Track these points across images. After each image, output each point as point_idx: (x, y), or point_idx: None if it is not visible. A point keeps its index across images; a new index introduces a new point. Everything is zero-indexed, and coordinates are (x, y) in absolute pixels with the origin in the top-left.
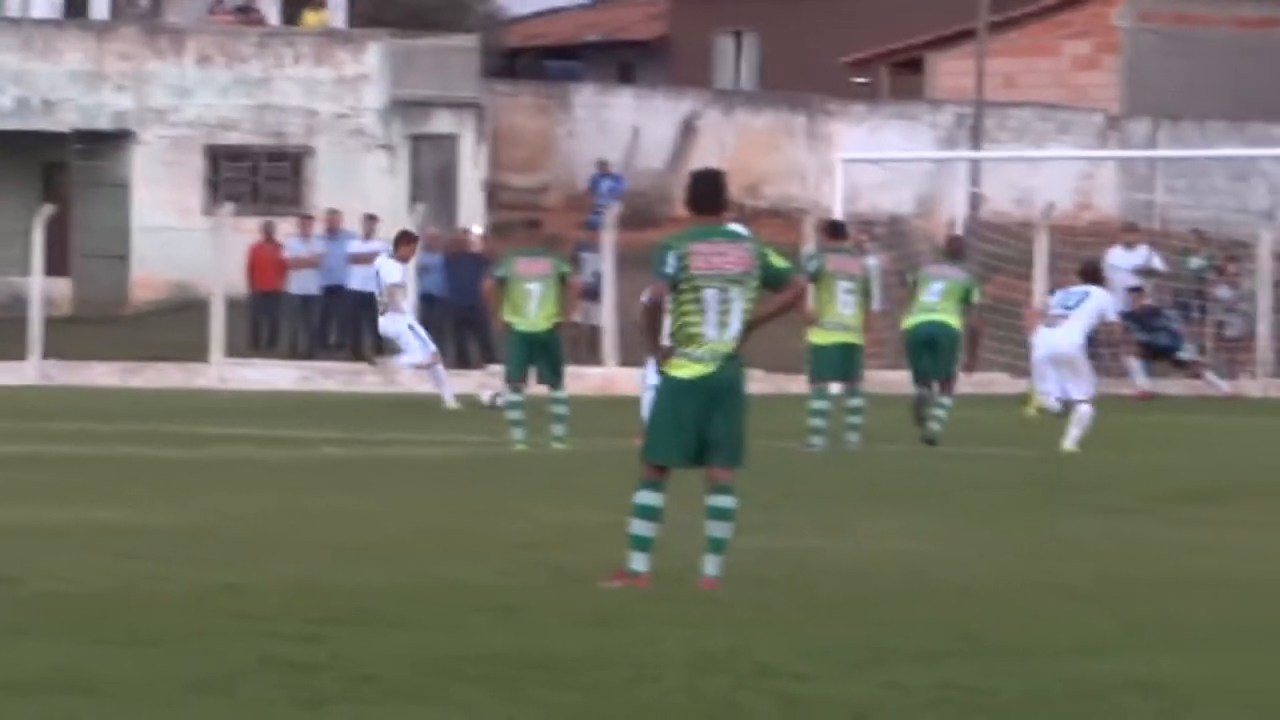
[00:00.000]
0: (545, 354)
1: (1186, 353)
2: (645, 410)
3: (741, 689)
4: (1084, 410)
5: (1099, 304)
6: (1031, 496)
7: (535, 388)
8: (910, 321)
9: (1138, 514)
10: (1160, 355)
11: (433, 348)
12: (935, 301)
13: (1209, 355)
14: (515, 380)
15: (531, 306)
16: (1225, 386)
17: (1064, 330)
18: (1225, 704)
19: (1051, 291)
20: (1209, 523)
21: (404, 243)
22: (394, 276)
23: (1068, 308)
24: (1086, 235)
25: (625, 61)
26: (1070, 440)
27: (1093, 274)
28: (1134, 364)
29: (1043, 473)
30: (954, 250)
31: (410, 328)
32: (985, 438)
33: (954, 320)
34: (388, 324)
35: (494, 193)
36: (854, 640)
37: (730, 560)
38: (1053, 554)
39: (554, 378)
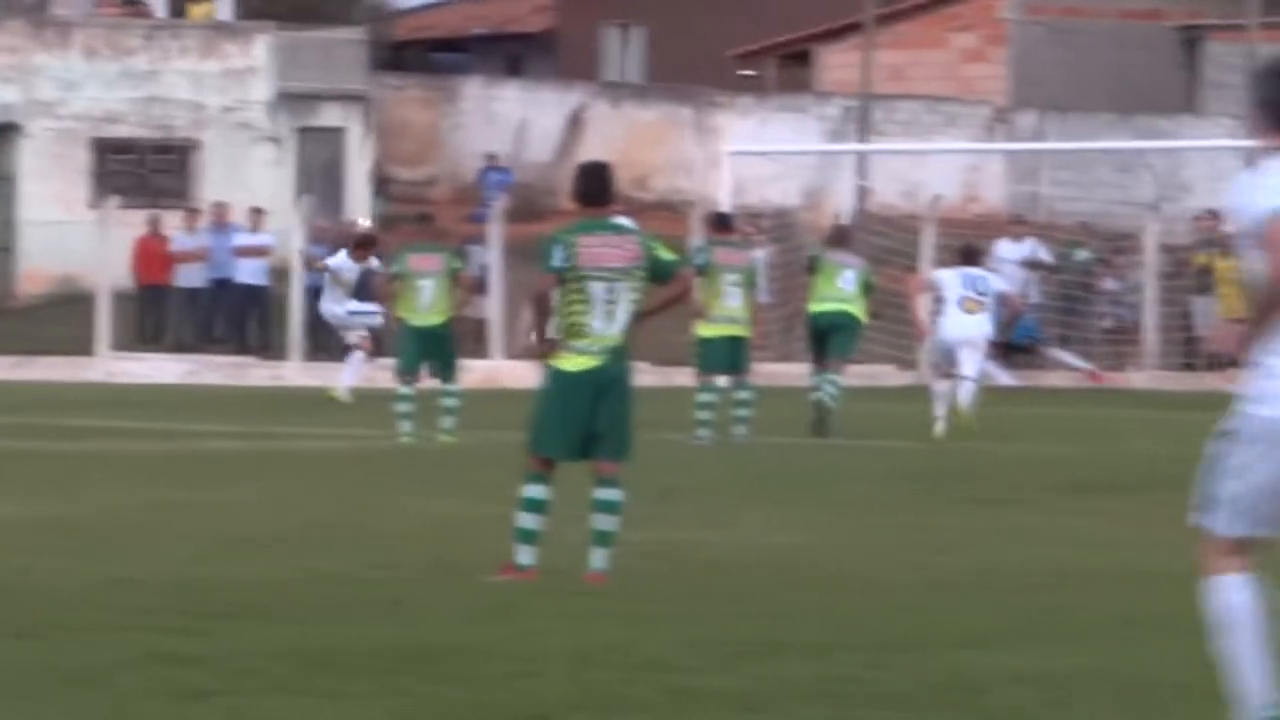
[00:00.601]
0: (439, 348)
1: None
2: None
3: (628, 682)
4: (970, 385)
5: (997, 286)
6: (915, 489)
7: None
8: (818, 307)
9: (1020, 506)
10: (1019, 350)
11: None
12: (849, 291)
13: (1093, 347)
14: (407, 374)
15: (424, 301)
16: (1077, 363)
17: (980, 319)
18: (1108, 694)
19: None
20: (1090, 514)
21: (362, 245)
22: (349, 275)
23: (980, 294)
24: (973, 227)
25: (512, 54)
26: (966, 404)
27: (973, 255)
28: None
29: (926, 466)
30: (842, 240)
31: (351, 313)
32: (873, 430)
33: (860, 310)
34: (330, 308)
35: (383, 185)
36: (741, 633)
37: (617, 553)
38: (936, 546)
39: (447, 371)
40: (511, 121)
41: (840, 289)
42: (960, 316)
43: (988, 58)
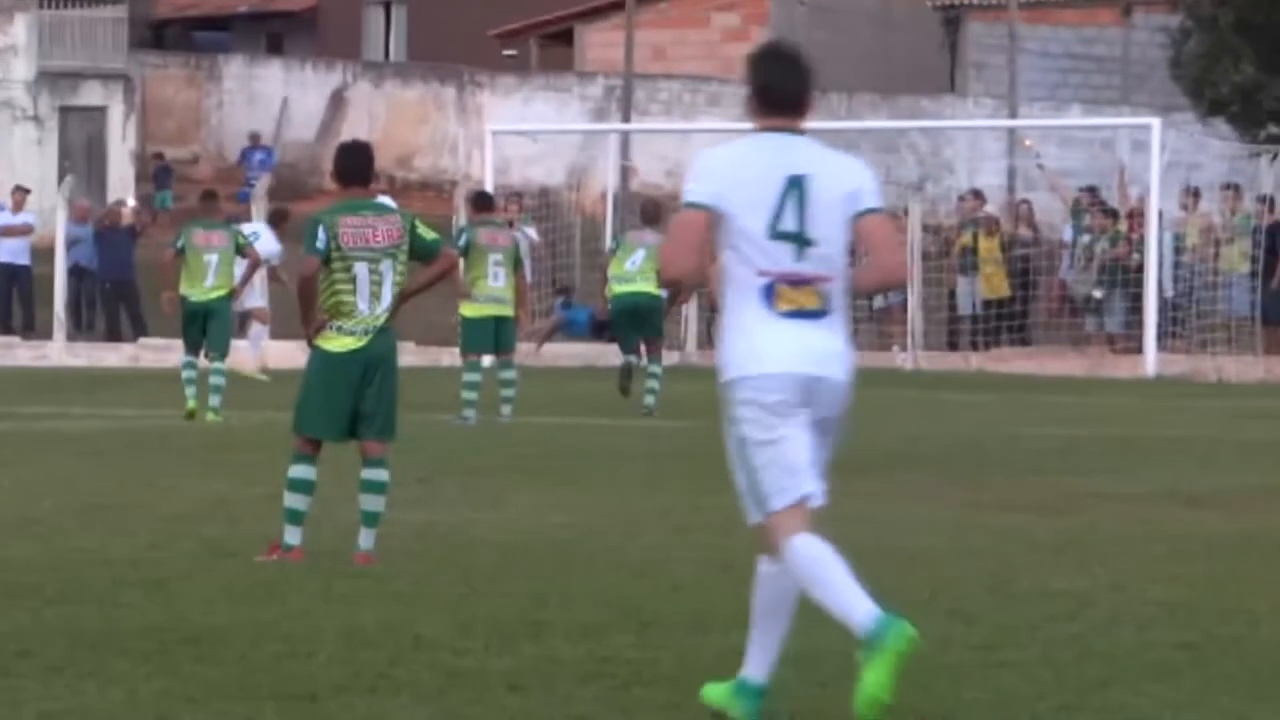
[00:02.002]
0: (215, 322)
1: None
2: None
3: (398, 663)
4: None
5: None
6: (688, 469)
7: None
8: (615, 290)
9: None
10: None
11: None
12: (634, 270)
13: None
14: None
15: (209, 277)
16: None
17: None
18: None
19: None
20: (859, 494)
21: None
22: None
23: None
24: None
25: (274, 33)
26: None
27: (654, 214)
28: None
29: (704, 446)
30: (650, 215)
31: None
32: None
33: (654, 287)
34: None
35: (163, 175)
36: (510, 613)
37: (385, 534)
38: (709, 527)
39: (220, 347)
40: (274, 100)
41: (627, 270)
42: None
43: (750, 37)
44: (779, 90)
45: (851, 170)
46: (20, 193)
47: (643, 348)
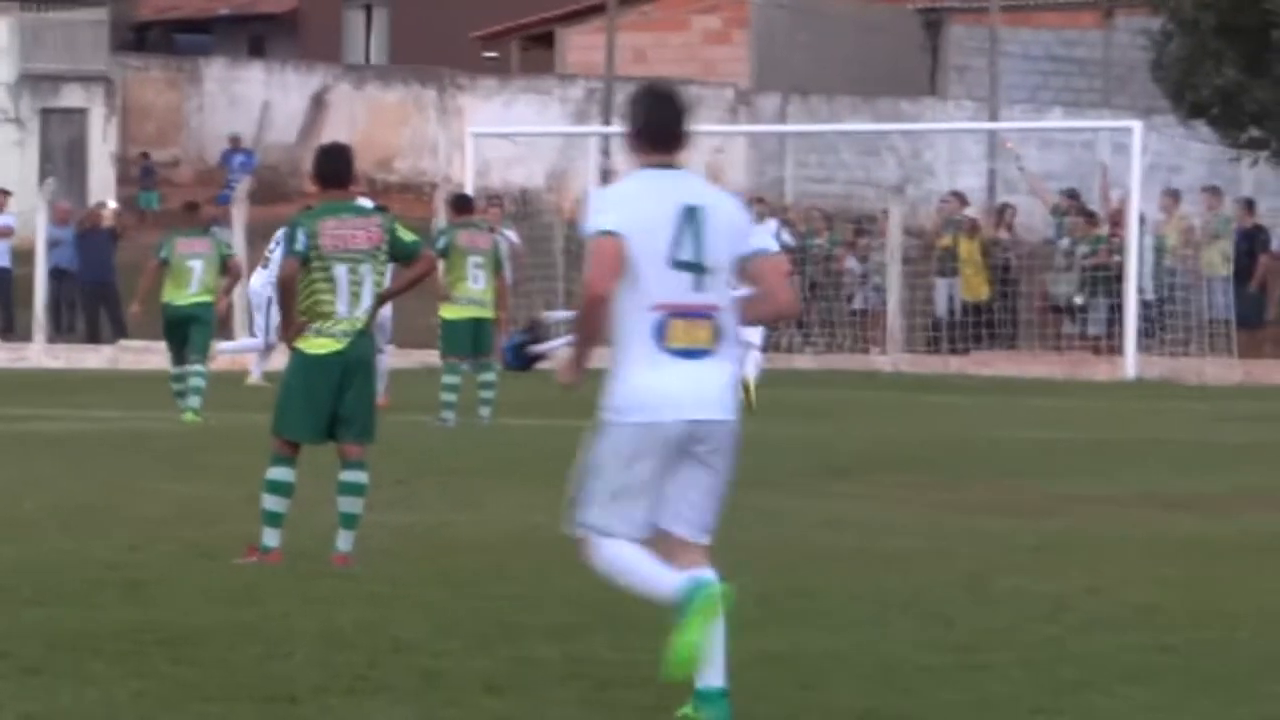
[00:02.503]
0: (197, 327)
1: None
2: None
3: (376, 664)
4: (756, 354)
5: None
6: None
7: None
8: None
9: (769, 487)
10: None
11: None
12: None
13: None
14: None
15: (193, 282)
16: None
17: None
18: (854, 674)
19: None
20: (839, 496)
21: None
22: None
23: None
24: None
25: (256, 35)
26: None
27: None
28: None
29: None
30: None
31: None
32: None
33: None
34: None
35: (147, 177)
36: (488, 615)
37: (363, 536)
38: None
39: (201, 349)
40: (255, 103)
41: None
42: None
43: (731, 40)
44: (660, 128)
45: (735, 206)
46: (1, 195)
47: None
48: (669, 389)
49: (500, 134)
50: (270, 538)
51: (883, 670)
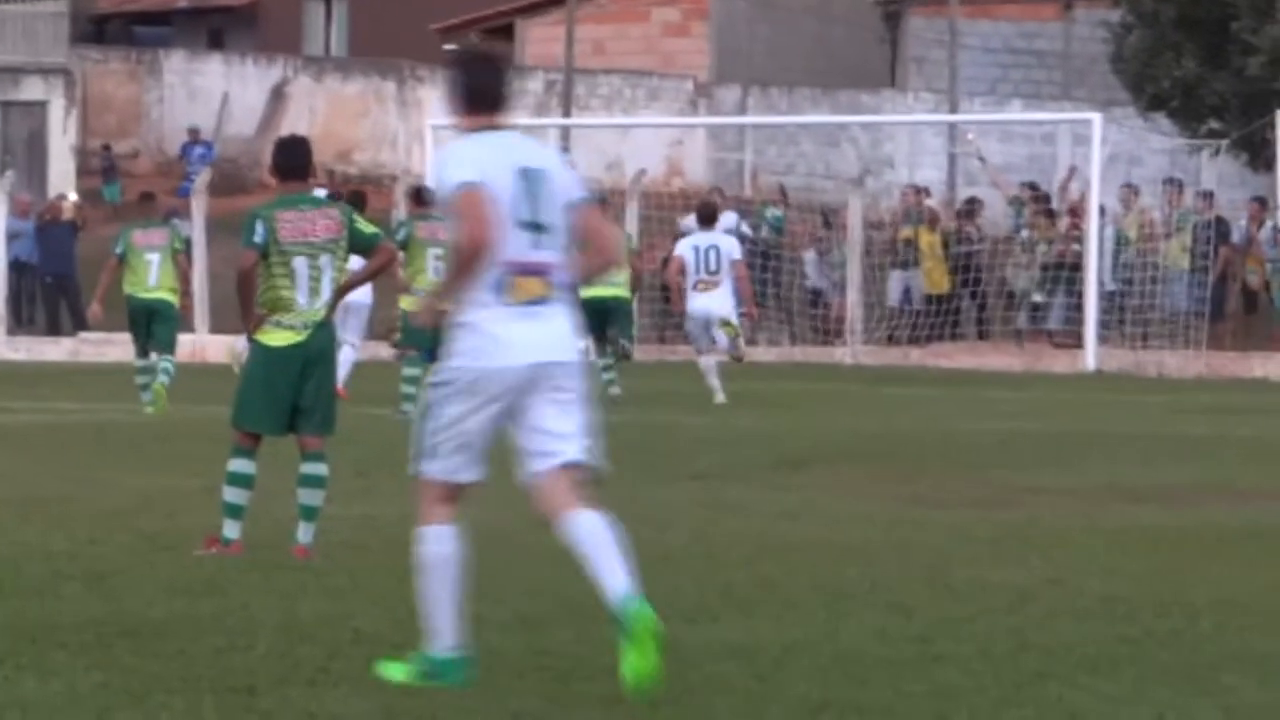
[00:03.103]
0: (160, 323)
1: None
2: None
3: (336, 656)
4: (712, 361)
5: (731, 253)
6: (627, 463)
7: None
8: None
9: (731, 480)
10: None
11: None
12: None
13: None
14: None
15: (151, 275)
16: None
17: (719, 295)
18: (814, 666)
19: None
20: (800, 488)
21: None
22: None
23: (712, 272)
24: (676, 202)
25: (215, 28)
26: (719, 393)
27: (710, 216)
28: None
29: (640, 440)
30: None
31: None
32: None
33: (623, 289)
34: None
35: (110, 172)
36: None
37: (323, 528)
38: (648, 521)
39: (166, 345)
40: (214, 95)
41: None
42: (699, 296)
43: (690, 32)
44: (487, 90)
45: (561, 161)
46: None
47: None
48: (511, 337)
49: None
50: (231, 529)
51: (842, 661)
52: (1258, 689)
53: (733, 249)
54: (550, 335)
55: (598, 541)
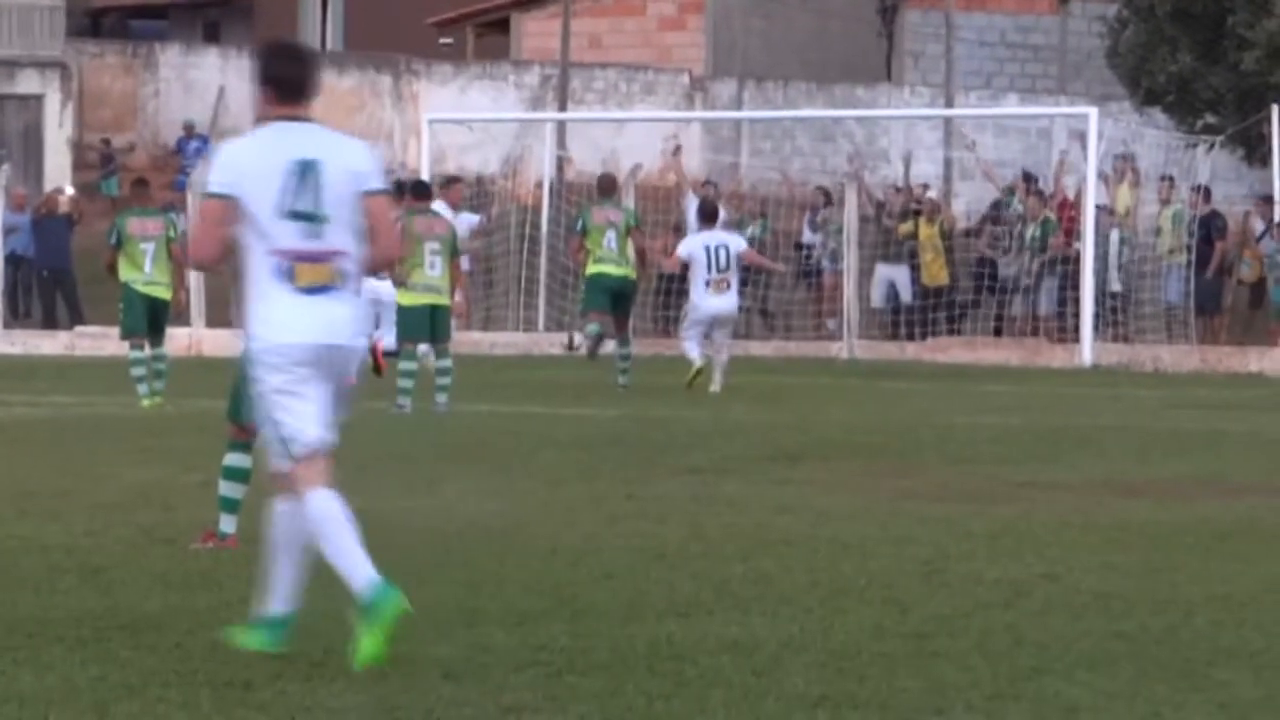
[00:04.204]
0: (158, 312)
1: None
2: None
3: (333, 651)
4: (725, 357)
5: (738, 250)
6: (622, 457)
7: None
8: (596, 269)
9: (729, 474)
10: None
11: None
12: (614, 252)
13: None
14: (135, 336)
15: (148, 265)
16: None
17: (728, 297)
18: (809, 662)
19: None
20: (795, 483)
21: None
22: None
23: (722, 270)
24: (672, 196)
25: (211, 21)
26: (718, 384)
27: (712, 214)
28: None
29: (637, 434)
30: (606, 187)
31: None
32: (582, 398)
33: (631, 269)
34: None
35: (107, 164)
36: (445, 601)
37: None
38: (643, 515)
39: (158, 335)
40: (210, 89)
41: (608, 250)
42: (711, 296)
43: (686, 26)
44: (289, 81)
45: (357, 152)
46: None
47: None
48: (298, 317)
49: (456, 120)
50: (227, 524)
51: (837, 657)
52: (1253, 685)
53: (740, 244)
54: (334, 320)
55: (336, 529)
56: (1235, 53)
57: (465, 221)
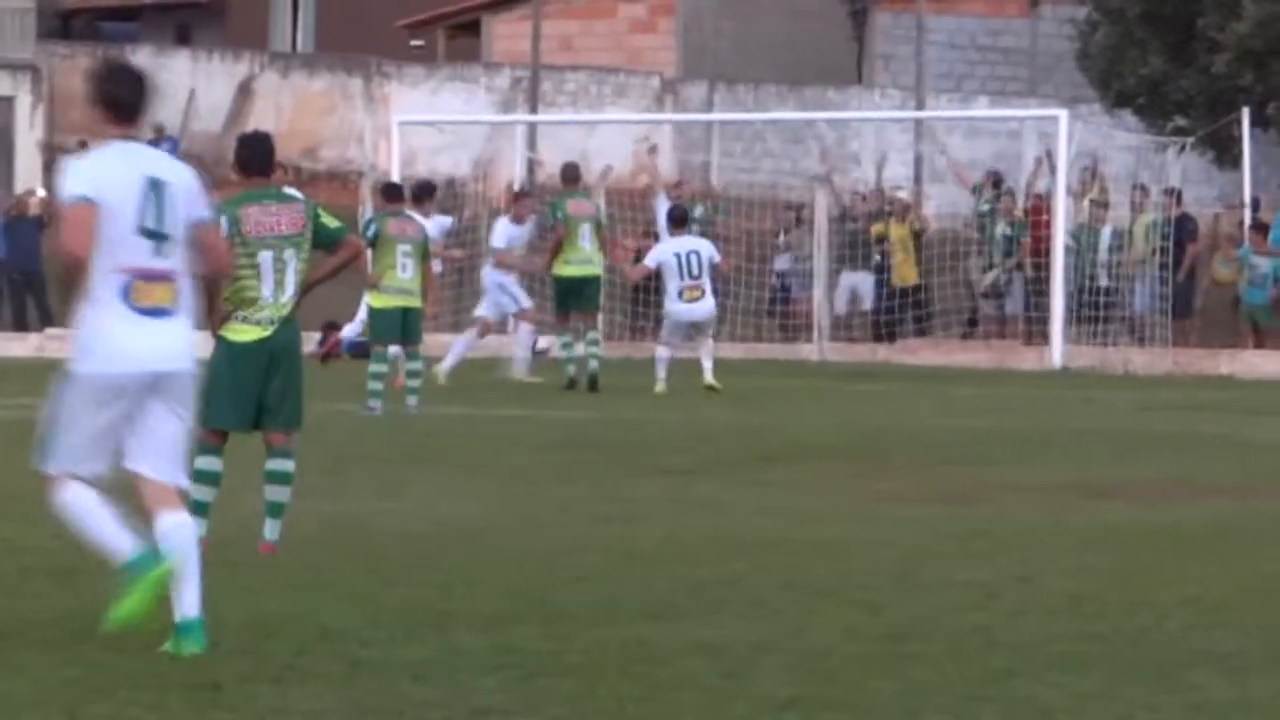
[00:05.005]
0: None
1: None
2: None
3: (303, 653)
4: (710, 343)
5: (710, 257)
6: (595, 460)
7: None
8: (568, 272)
9: (703, 476)
10: None
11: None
12: (590, 250)
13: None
14: None
15: None
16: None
17: (704, 303)
18: (781, 664)
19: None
20: (768, 485)
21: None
22: (500, 241)
23: (695, 278)
24: (643, 198)
25: (182, 23)
26: (709, 375)
27: (682, 219)
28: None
29: (611, 436)
30: (571, 176)
31: (499, 286)
32: (555, 400)
33: (599, 267)
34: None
35: (75, 153)
36: (416, 603)
37: (290, 524)
38: (618, 517)
39: None
40: (181, 91)
41: (584, 249)
42: (684, 304)
43: (657, 28)
44: (127, 103)
45: (189, 177)
46: None
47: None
48: (134, 342)
49: (427, 122)
50: (197, 527)
51: (810, 658)
52: (1225, 686)
53: (713, 252)
54: (170, 344)
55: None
56: (1206, 55)
57: (439, 225)
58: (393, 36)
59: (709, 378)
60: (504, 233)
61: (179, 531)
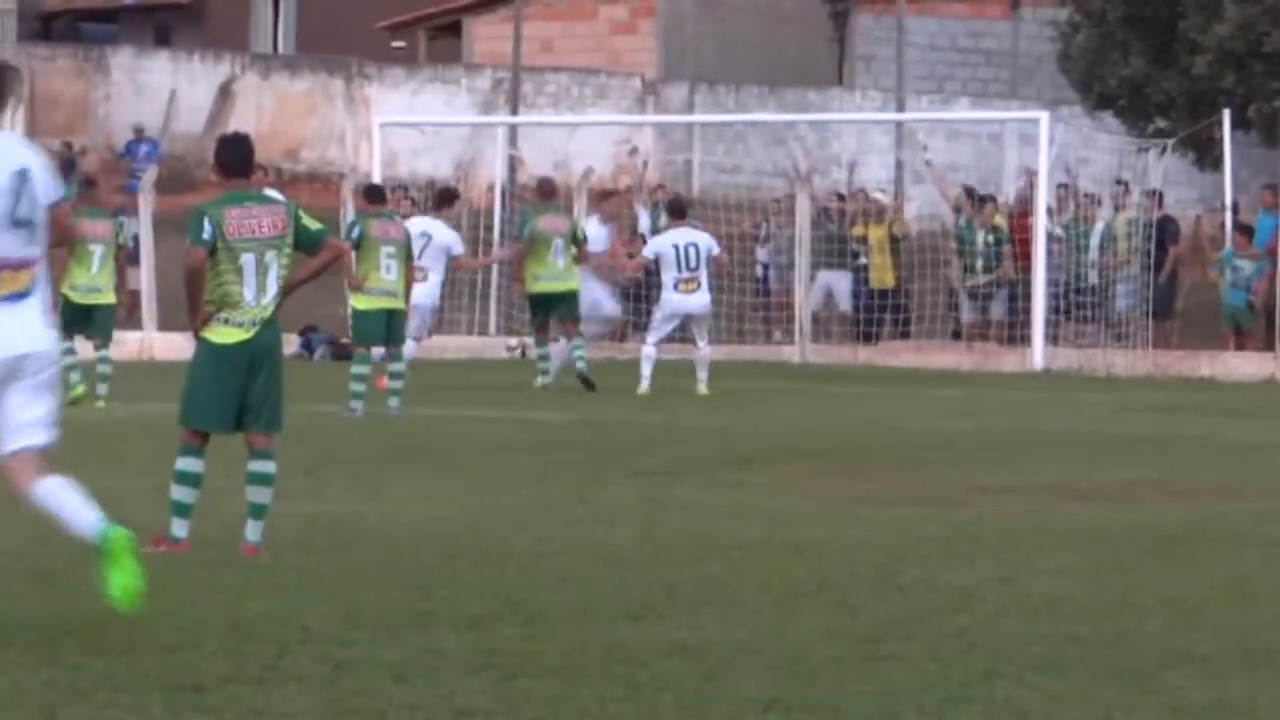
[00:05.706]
0: (100, 312)
1: None
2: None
3: (285, 654)
4: (706, 351)
5: (709, 250)
6: (574, 461)
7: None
8: (540, 288)
9: (681, 477)
10: None
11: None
12: (561, 266)
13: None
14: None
15: (94, 266)
16: None
17: (699, 295)
18: (760, 665)
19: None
20: (748, 486)
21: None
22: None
23: (692, 269)
24: (624, 199)
25: (162, 25)
26: (703, 383)
27: (681, 210)
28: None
29: (589, 438)
30: (547, 191)
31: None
32: (535, 402)
33: (575, 281)
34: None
35: (68, 169)
36: (396, 604)
37: (272, 525)
38: (596, 519)
39: (104, 334)
40: (162, 92)
41: (554, 263)
42: (680, 295)
43: (638, 30)
44: None
45: (42, 160)
46: None
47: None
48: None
49: (408, 124)
50: (179, 528)
51: (789, 660)
52: (1204, 688)
53: (711, 244)
54: (29, 327)
55: (61, 496)
56: (1187, 57)
57: (455, 241)
58: (374, 38)
59: (703, 389)
60: (593, 234)
61: (61, 487)
